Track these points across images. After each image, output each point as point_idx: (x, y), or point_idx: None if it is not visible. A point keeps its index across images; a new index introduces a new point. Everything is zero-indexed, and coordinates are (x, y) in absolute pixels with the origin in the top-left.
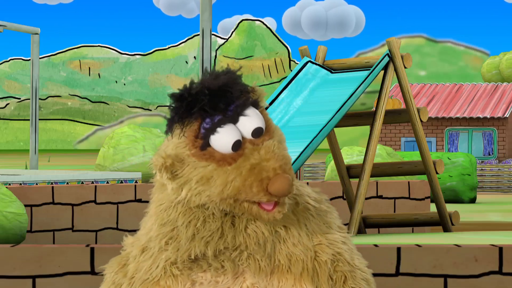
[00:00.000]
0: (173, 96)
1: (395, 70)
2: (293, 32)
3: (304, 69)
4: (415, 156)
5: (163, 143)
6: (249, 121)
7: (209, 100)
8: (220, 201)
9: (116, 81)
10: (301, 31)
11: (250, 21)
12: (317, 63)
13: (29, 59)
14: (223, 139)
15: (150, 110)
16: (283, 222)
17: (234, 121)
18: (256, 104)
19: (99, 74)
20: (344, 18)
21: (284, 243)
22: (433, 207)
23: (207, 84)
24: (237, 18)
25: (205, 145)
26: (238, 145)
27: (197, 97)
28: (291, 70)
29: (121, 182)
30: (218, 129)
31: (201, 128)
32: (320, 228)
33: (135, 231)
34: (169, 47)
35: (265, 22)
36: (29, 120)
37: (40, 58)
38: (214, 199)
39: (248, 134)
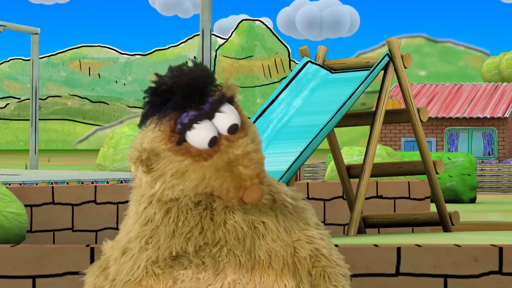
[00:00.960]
0: (148, 90)
1: (395, 70)
2: (287, 32)
3: (304, 69)
4: (415, 156)
5: (137, 137)
6: (225, 117)
7: (184, 95)
8: (194, 195)
9: (116, 81)
10: (296, 31)
11: (250, 21)
12: (317, 63)
13: (29, 59)
14: (199, 135)
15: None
16: (261, 218)
17: (210, 117)
18: (231, 101)
19: (99, 74)
20: (339, 18)
21: (263, 239)
22: (433, 207)
23: (182, 79)
24: (233, 18)
25: (181, 140)
26: (214, 141)
27: (172, 92)
28: (291, 70)
29: (121, 182)
30: (195, 125)
31: (178, 123)
32: (298, 224)
33: None
34: (169, 47)
35: (265, 22)
36: (29, 120)
37: (40, 58)
38: (188, 193)
39: (224, 131)
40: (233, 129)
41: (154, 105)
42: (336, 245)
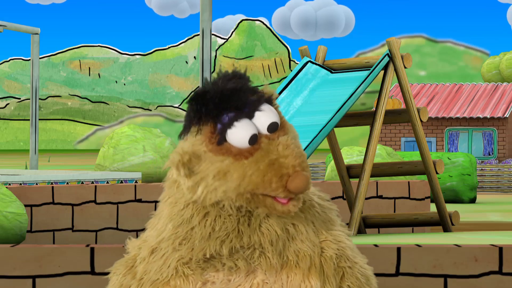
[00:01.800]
0: (190, 99)
1: (395, 70)
2: (282, 32)
3: (304, 69)
4: (415, 156)
5: (178, 145)
6: (265, 116)
7: (224, 101)
8: (236, 196)
9: (116, 81)
10: (291, 31)
11: (250, 21)
12: (317, 63)
13: (29, 59)
14: (239, 133)
15: (150, 110)
16: (292, 220)
17: (250, 116)
18: (270, 101)
19: (99, 74)
20: (334, 18)
21: (293, 240)
22: (433, 207)
23: (221, 87)
24: (229, 18)
25: (222, 140)
26: (254, 139)
27: (212, 99)
28: (291, 70)
29: (121, 182)
30: (235, 123)
31: (218, 124)
32: (326, 224)
33: (135, 231)
34: (169, 47)
35: (265, 22)
36: (29, 120)
37: (40, 58)
38: (230, 194)
39: (263, 129)
40: (273, 127)
41: (195, 112)
42: None
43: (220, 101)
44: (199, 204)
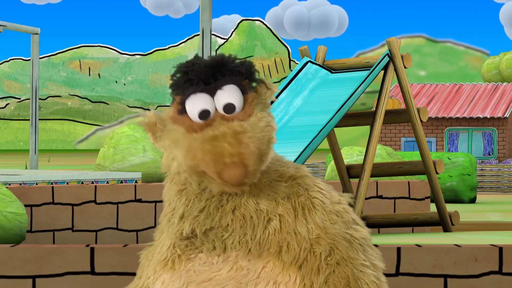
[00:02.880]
0: (176, 68)
1: (395, 70)
2: (276, 32)
3: (304, 69)
4: (415, 156)
5: None
6: (224, 95)
7: (197, 74)
8: (186, 169)
9: (116, 81)
10: (284, 31)
11: (250, 21)
12: (317, 63)
13: (29, 59)
14: (193, 105)
15: (150, 110)
16: (277, 210)
17: (211, 92)
18: (243, 88)
19: (99, 74)
20: (327, 18)
21: (279, 232)
22: (433, 207)
23: (205, 61)
24: (224, 18)
25: (182, 110)
26: (205, 114)
27: (192, 71)
28: (291, 70)
29: (121, 182)
30: (191, 95)
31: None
32: (324, 223)
33: (135, 231)
34: (169, 47)
35: (265, 22)
36: (29, 120)
37: (40, 58)
38: (183, 166)
39: (220, 108)
40: (228, 107)
41: (174, 83)
42: None
43: (195, 73)
44: (177, 183)
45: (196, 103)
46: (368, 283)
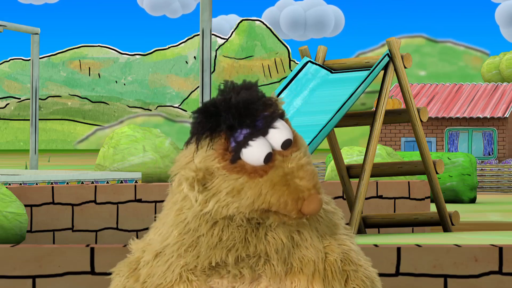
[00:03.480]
0: (199, 111)
1: (395, 70)
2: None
3: (304, 69)
4: (415, 156)
5: (182, 155)
6: (279, 133)
7: (236, 116)
8: (250, 212)
9: (116, 81)
10: (280, 31)
11: (250, 21)
12: (317, 63)
13: (29, 59)
14: (255, 152)
15: (150, 110)
16: (297, 227)
17: (264, 133)
18: (282, 116)
19: (99, 74)
20: (323, 18)
21: (297, 247)
22: (433, 207)
23: (232, 100)
24: (222, 18)
25: (236, 158)
26: (270, 158)
27: (225, 112)
28: (291, 70)
29: (121, 182)
30: (250, 142)
31: (231, 141)
32: (329, 229)
33: (135, 231)
34: (169, 47)
35: (265, 22)
36: (29, 120)
37: (40, 58)
38: (243, 210)
39: (277, 146)
40: (287, 144)
41: (206, 125)
42: None
43: (233, 115)
44: (209, 216)
45: (258, 149)
46: (377, 281)
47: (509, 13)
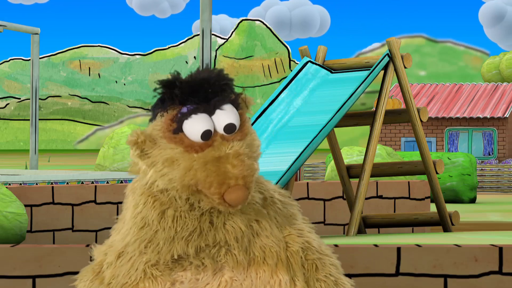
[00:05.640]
0: (160, 82)
1: (395, 70)
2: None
3: (304, 69)
4: (415, 156)
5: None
6: (224, 115)
7: (189, 92)
8: (181, 187)
9: (116, 81)
10: None
11: (250, 21)
12: (317, 63)
13: (29, 59)
14: (194, 125)
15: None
16: (255, 216)
17: (210, 112)
18: (236, 104)
19: (99, 74)
20: (308, 18)
21: (258, 237)
22: (433, 207)
23: (192, 76)
24: (212, 18)
25: (178, 129)
26: (207, 135)
27: (180, 87)
28: (291, 70)
29: (121, 182)
30: (193, 116)
31: (178, 113)
32: (288, 220)
33: None
34: (169, 47)
35: (265, 22)
36: (29, 120)
37: (40, 58)
38: (175, 184)
39: (220, 128)
40: (229, 128)
41: (162, 98)
42: (335, 245)
43: (186, 90)
44: (156, 201)
45: (198, 124)
46: (340, 267)
47: (493, 13)
